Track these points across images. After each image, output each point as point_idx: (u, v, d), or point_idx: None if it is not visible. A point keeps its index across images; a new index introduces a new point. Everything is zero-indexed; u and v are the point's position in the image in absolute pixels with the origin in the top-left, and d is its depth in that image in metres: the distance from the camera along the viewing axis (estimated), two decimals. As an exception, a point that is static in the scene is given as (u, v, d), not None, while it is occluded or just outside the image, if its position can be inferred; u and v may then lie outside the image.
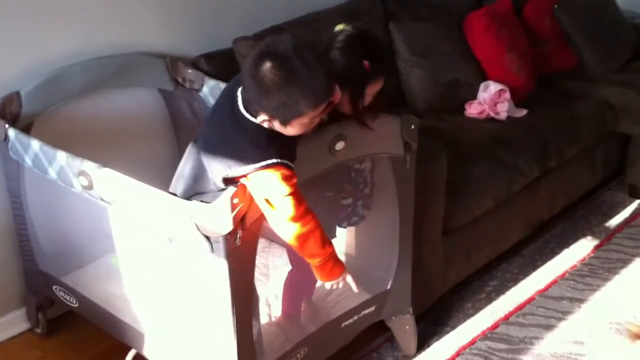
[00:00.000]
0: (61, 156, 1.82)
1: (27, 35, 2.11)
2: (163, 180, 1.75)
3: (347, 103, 1.72)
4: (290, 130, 1.55)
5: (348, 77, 1.66)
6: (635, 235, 2.80)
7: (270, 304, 2.07)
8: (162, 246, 1.74)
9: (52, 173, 1.86)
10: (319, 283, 2.05)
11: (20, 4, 2.08)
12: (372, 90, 1.74)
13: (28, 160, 1.94)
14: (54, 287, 2.14)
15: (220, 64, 2.43)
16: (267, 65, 1.48)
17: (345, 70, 1.67)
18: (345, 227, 1.98)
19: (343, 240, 2.06)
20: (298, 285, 2.01)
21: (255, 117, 1.55)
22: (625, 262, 2.63)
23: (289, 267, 2.01)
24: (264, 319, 1.96)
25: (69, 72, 2.17)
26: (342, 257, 2.15)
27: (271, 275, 2.21)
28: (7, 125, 1.98)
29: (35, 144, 1.90)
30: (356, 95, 1.70)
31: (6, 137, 1.99)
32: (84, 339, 2.25)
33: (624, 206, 3.01)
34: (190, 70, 2.36)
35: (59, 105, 2.16)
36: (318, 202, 1.80)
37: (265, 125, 1.55)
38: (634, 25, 3.40)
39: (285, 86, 1.48)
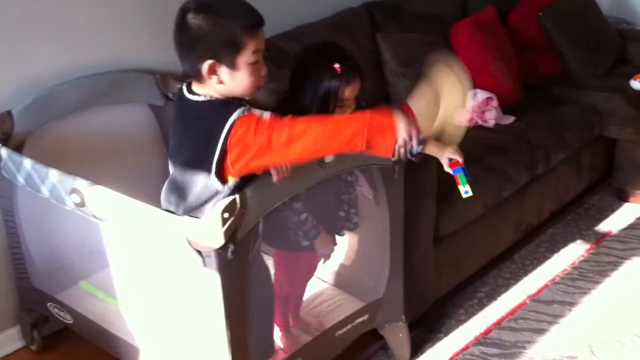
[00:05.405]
0: (53, 174, 1.83)
1: (17, 54, 2.13)
2: (155, 196, 1.77)
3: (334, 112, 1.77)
4: (242, 79, 1.56)
5: (325, 86, 1.73)
6: (624, 238, 2.84)
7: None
8: (155, 261, 1.76)
9: (45, 191, 1.87)
10: (306, 296, 2.08)
11: (9, 23, 2.09)
12: (350, 92, 1.77)
13: (21, 179, 1.95)
14: (48, 304, 2.14)
15: (210, 78, 2.45)
16: (189, 16, 1.56)
17: (321, 80, 1.74)
18: (342, 235, 2.00)
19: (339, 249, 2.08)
20: (280, 299, 1.99)
21: (201, 80, 1.58)
22: (615, 265, 2.65)
23: None
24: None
25: (59, 90, 2.18)
26: (336, 267, 2.17)
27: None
28: (-1, 145, 2.00)
29: (27, 163, 1.91)
30: (335, 100, 1.75)
31: (-2, 157, 2.00)
32: (79, 356, 2.25)
33: (613, 210, 3.04)
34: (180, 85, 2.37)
35: (51, 124, 2.17)
36: (321, 217, 1.86)
37: (215, 83, 1.57)
38: (617, 30, 3.44)
39: (212, 17, 1.53)
